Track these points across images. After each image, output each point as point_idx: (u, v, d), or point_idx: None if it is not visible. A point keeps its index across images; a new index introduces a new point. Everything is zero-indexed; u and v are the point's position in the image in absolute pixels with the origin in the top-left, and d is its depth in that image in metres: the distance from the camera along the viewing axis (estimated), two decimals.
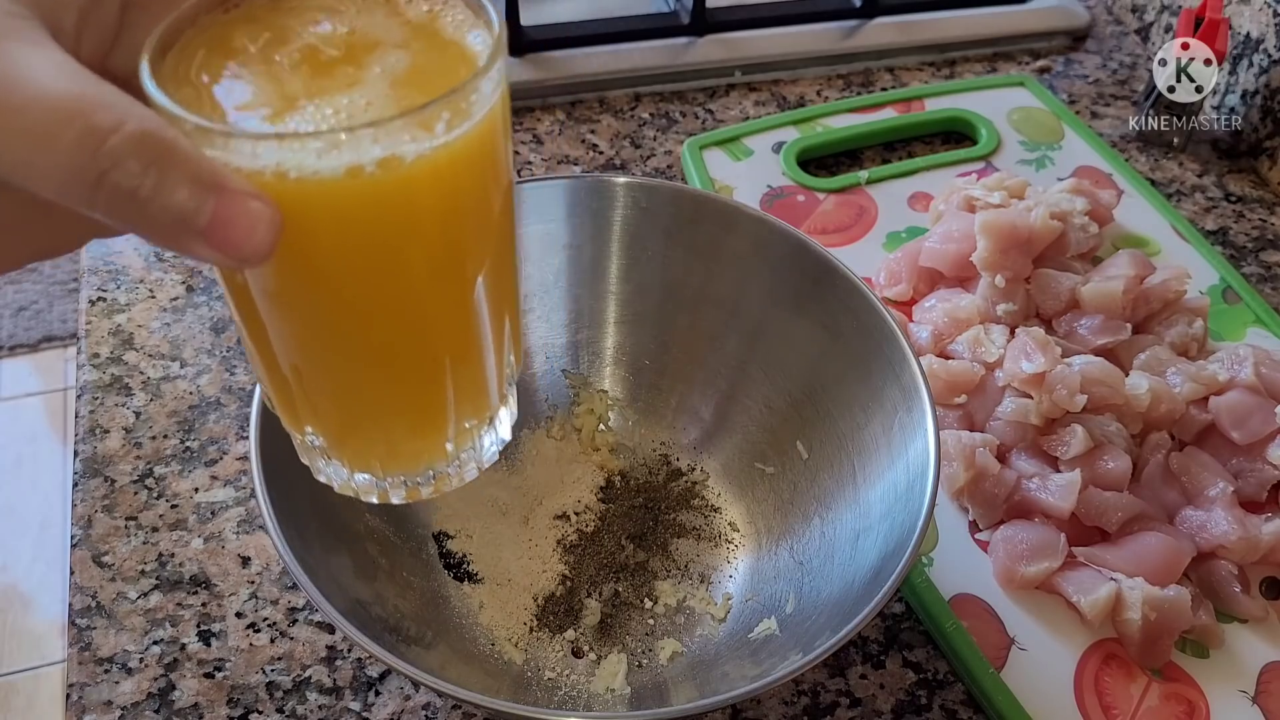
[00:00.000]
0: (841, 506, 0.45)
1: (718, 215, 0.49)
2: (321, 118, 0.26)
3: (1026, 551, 0.48)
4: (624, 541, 0.48)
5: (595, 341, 0.52)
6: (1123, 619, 0.46)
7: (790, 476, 0.48)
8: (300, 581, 0.36)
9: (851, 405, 0.46)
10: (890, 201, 0.65)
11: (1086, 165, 0.68)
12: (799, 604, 0.44)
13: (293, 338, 0.30)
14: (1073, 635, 0.47)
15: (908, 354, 0.43)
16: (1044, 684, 0.45)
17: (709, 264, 0.49)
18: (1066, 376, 0.50)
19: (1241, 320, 0.60)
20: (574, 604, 0.46)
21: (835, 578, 0.43)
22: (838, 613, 0.40)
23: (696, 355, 0.51)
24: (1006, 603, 0.48)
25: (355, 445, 0.33)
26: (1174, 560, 0.47)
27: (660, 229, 0.49)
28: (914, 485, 0.41)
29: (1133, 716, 0.45)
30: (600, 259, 0.50)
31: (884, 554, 0.40)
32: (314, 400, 0.32)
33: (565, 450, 0.51)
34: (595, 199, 0.49)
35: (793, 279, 0.48)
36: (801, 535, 0.47)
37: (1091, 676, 0.46)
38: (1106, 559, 0.48)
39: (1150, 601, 0.45)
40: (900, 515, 0.41)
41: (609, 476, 0.51)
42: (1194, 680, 0.46)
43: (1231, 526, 0.48)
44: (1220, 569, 0.48)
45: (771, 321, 0.49)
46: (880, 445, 0.44)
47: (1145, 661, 0.46)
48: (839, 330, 0.46)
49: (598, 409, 0.52)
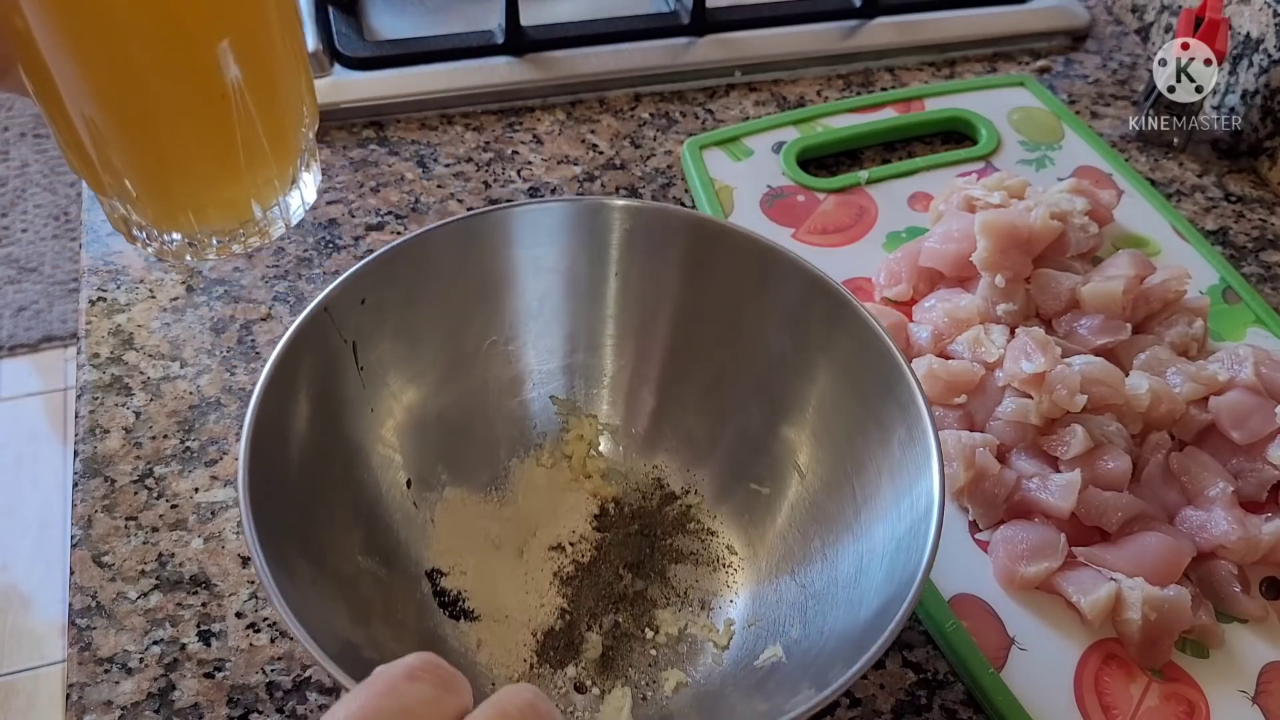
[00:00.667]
0: (841, 529, 0.45)
1: (707, 235, 0.48)
2: None
3: (1026, 552, 0.48)
4: (622, 570, 0.48)
5: (583, 366, 0.51)
6: (1123, 619, 0.46)
7: (787, 497, 0.48)
8: (298, 635, 0.34)
9: (848, 423, 0.46)
10: (890, 201, 0.65)
11: (1087, 165, 0.68)
12: (804, 629, 0.44)
13: (78, 82, 0.31)
14: (1073, 635, 0.47)
15: (905, 370, 0.42)
16: (1044, 684, 0.45)
17: (697, 285, 0.49)
18: (1067, 376, 0.50)
19: (1242, 320, 0.60)
20: (574, 638, 0.45)
21: (841, 601, 0.43)
22: (846, 641, 0.39)
23: (687, 377, 0.50)
24: (1006, 602, 0.48)
25: (159, 201, 0.34)
26: (1174, 560, 0.47)
27: (649, 251, 0.49)
28: (918, 511, 0.40)
29: (1132, 717, 0.45)
30: (587, 282, 0.49)
31: (890, 577, 0.40)
32: (111, 153, 0.33)
33: (556, 478, 0.50)
34: (582, 222, 0.48)
35: (786, 299, 0.47)
36: (802, 557, 0.46)
37: (1091, 676, 0.46)
38: (1106, 559, 0.48)
39: (1150, 601, 0.45)
40: (905, 539, 0.40)
41: (602, 503, 0.50)
42: (1194, 680, 0.46)
43: (1232, 527, 0.48)
44: (1220, 569, 0.48)
45: (763, 341, 0.48)
46: (880, 465, 0.44)
47: (1145, 661, 0.46)
48: (832, 348, 0.46)
49: (588, 434, 0.51)
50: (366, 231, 0.63)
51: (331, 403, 0.44)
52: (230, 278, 0.60)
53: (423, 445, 0.48)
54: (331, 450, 0.44)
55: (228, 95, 0.32)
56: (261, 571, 0.35)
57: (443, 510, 0.48)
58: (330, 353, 0.44)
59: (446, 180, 0.66)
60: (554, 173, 0.67)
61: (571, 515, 0.49)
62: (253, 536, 0.36)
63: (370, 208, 0.64)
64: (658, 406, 0.51)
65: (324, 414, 0.44)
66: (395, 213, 0.64)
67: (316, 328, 0.43)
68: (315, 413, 0.43)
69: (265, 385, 0.40)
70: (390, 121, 0.70)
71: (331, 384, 0.44)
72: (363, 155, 0.67)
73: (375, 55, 0.70)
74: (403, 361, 0.47)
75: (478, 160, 0.68)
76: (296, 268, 0.60)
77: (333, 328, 0.43)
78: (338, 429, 0.45)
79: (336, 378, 0.44)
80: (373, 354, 0.46)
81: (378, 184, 0.66)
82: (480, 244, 0.47)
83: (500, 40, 0.71)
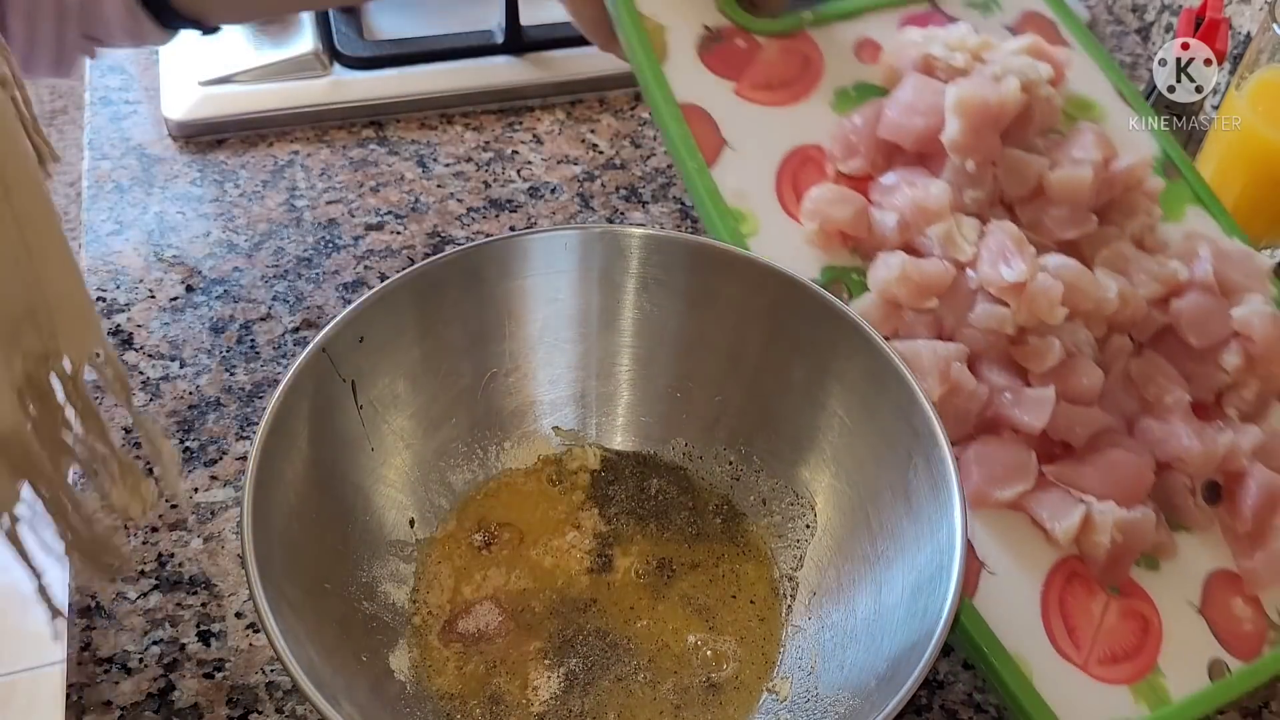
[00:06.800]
0: (858, 558, 0.44)
1: (707, 260, 0.48)
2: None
3: (1001, 473, 0.47)
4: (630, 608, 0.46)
5: (586, 395, 0.51)
6: (1091, 541, 0.46)
7: (804, 534, 0.47)
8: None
9: (858, 448, 0.45)
10: (836, 50, 0.59)
11: (1032, 10, 0.64)
12: (825, 663, 0.43)
13: None
14: (1038, 556, 0.47)
15: (917, 393, 0.42)
16: (1013, 608, 0.45)
17: (699, 311, 0.48)
18: (1049, 289, 0.48)
19: (1181, 198, 0.58)
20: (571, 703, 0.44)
21: (861, 636, 0.42)
22: (864, 679, 0.39)
23: (693, 406, 0.50)
24: (973, 524, 0.47)
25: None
26: (1141, 480, 0.48)
27: (655, 279, 0.48)
28: (940, 555, 0.40)
29: (1094, 637, 0.45)
30: (587, 312, 0.49)
31: (912, 613, 0.39)
32: None
33: (557, 514, 0.49)
34: (582, 251, 0.48)
35: (791, 322, 0.47)
36: (821, 591, 0.46)
37: (1056, 599, 0.46)
38: (1077, 479, 0.47)
39: (1120, 525, 0.45)
40: (925, 582, 0.39)
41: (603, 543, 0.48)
42: (1147, 594, 0.47)
43: (1193, 441, 0.48)
44: (1176, 480, 0.49)
45: (768, 363, 0.48)
46: (895, 489, 0.43)
47: (1107, 580, 0.47)
48: (842, 373, 0.46)
49: (590, 464, 0.50)
50: (366, 231, 0.63)
51: (333, 444, 0.44)
52: (230, 277, 0.60)
53: (425, 482, 0.47)
54: (335, 493, 0.44)
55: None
56: (271, 632, 0.35)
57: (446, 550, 0.47)
58: (330, 394, 0.43)
59: (446, 180, 0.66)
60: (554, 172, 0.67)
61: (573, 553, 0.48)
62: (260, 596, 0.36)
63: (370, 207, 0.64)
64: (664, 435, 0.51)
65: (325, 458, 0.43)
66: (395, 212, 0.64)
67: (315, 368, 0.42)
68: (315, 459, 0.42)
69: (266, 434, 0.39)
70: (390, 121, 0.70)
71: (332, 424, 0.44)
72: (363, 155, 0.67)
73: (375, 55, 0.70)
74: (402, 399, 0.47)
75: (478, 160, 0.68)
76: (296, 267, 0.60)
77: (331, 368, 0.43)
78: (339, 471, 0.44)
79: (336, 417, 0.44)
80: (372, 392, 0.45)
81: (378, 184, 0.66)
82: (476, 277, 0.47)
83: (500, 40, 0.71)
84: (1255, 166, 0.62)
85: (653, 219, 0.65)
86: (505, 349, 0.49)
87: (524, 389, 0.50)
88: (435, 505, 0.48)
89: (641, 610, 0.46)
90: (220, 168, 0.66)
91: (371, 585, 0.44)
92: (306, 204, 0.64)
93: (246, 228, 0.63)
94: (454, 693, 0.43)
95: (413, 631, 0.44)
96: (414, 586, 0.46)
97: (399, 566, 0.46)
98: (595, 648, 0.45)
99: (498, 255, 0.47)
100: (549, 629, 0.45)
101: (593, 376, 0.51)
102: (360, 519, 0.45)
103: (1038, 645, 0.45)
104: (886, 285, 0.50)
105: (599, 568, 0.47)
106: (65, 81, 1.93)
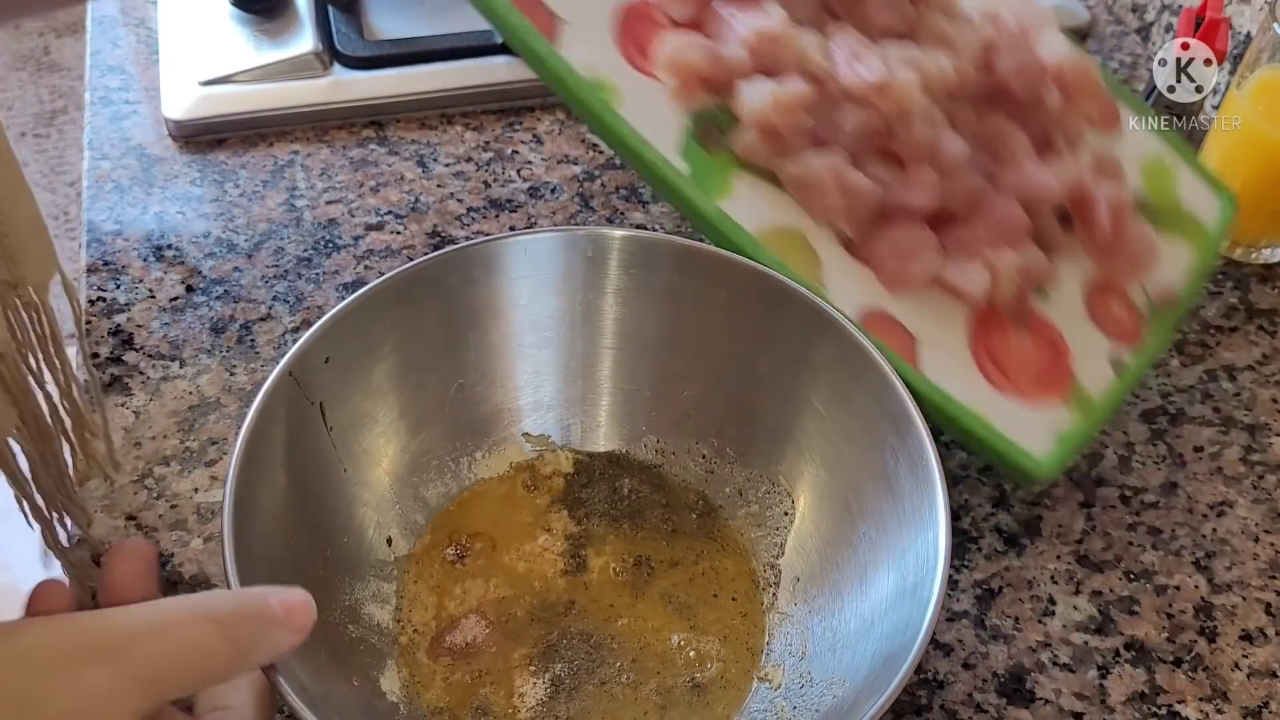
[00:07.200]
0: (840, 542, 0.45)
1: (666, 255, 0.48)
2: None
3: (912, 252, 0.50)
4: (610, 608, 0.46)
5: (554, 400, 0.51)
6: (999, 289, 0.50)
7: (785, 526, 0.47)
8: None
9: (832, 433, 0.46)
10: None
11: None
12: (815, 651, 0.43)
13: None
14: (956, 318, 0.51)
15: (890, 376, 0.43)
16: (952, 368, 0.49)
17: (663, 307, 0.49)
18: (908, 80, 0.50)
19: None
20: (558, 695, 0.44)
21: (849, 620, 0.42)
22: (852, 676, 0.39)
23: (659, 401, 0.50)
24: (895, 306, 0.50)
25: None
26: (1020, 222, 0.52)
27: (611, 278, 0.48)
28: (923, 517, 0.40)
29: (1023, 370, 0.51)
30: (549, 315, 0.49)
31: (895, 606, 0.39)
32: None
33: (532, 520, 0.49)
34: (546, 255, 0.48)
35: (756, 312, 0.47)
36: (804, 583, 0.46)
37: (983, 347, 0.51)
38: (970, 239, 0.51)
39: (1019, 267, 0.51)
40: (910, 583, 0.40)
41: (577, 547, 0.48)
42: (1048, 321, 0.53)
43: (1048, 175, 0.52)
44: (1040, 216, 0.53)
45: (735, 354, 0.48)
46: (874, 471, 0.44)
47: (1016, 317, 0.52)
48: (812, 360, 0.46)
49: (563, 468, 0.50)
50: (366, 231, 0.63)
51: (306, 468, 0.43)
52: (230, 277, 0.60)
53: (400, 500, 0.47)
54: (313, 518, 0.43)
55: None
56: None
57: (423, 566, 0.47)
58: (300, 417, 0.43)
59: (446, 180, 0.66)
60: (554, 172, 0.67)
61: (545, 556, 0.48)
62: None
63: (370, 207, 0.64)
64: (635, 434, 0.51)
65: (299, 482, 0.43)
66: (395, 212, 0.64)
67: (284, 393, 0.42)
68: (290, 485, 0.42)
69: (240, 464, 0.38)
70: (390, 121, 0.70)
71: (304, 448, 0.43)
72: (362, 155, 0.67)
73: (375, 55, 0.70)
74: (371, 417, 0.46)
75: (477, 160, 0.68)
76: (296, 267, 0.60)
77: (299, 391, 0.42)
78: (315, 494, 0.44)
79: (307, 441, 0.43)
80: (342, 412, 0.45)
81: (378, 184, 0.66)
82: (439, 287, 0.47)
83: (500, 40, 0.71)
84: (1255, 166, 0.63)
85: (653, 219, 0.65)
86: (471, 358, 0.49)
87: (492, 397, 0.50)
88: (411, 521, 0.47)
89: (621, 608, 0.46)
90: (220, 168, 0.66)
91: (355, 608, 0.44)
92: (306, 204, 0.64)
93: (246, 228, 0.63)
94: (443, 706, 0.43)
95: (400, 651, 0.44)
96: (397, 605, 0.45)
97: (380, 586, 0.45)
98: (579, 651, 0.45)
99: (457, 265, 0.47)
100: (533, 635, 0.45)
101: (559, 380, 0.51)
102: (339, 541, 0.44)
103: (982, 391, 0.49)
104: (762, 114, 0.50)
105: (573, 569, 0.47)
106: (65, 81, 1.94)
